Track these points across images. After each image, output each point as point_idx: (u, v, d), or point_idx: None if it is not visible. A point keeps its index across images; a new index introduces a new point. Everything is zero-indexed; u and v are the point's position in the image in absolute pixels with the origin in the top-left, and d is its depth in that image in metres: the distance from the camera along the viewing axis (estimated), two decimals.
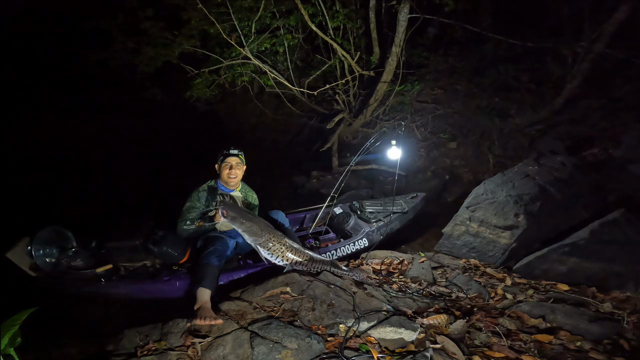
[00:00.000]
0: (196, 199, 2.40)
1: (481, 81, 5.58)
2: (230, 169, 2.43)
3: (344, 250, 2.78)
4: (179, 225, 2.37)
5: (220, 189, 2.49)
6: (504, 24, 5.64)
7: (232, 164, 2.43)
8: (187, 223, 2.34)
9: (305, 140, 6.89)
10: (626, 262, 2.00)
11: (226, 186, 2.49)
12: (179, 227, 2.36)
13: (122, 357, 1.54)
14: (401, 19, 4.42)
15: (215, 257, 2.10)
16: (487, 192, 2.78)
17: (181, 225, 2.35)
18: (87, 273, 2.46)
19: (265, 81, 5.55)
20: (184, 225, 2.34)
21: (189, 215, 2.36)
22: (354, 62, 5.13)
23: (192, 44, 5.40)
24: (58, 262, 2.52)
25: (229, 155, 2.44)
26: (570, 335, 1.54)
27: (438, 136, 5.36)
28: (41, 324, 1.66)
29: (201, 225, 2.33)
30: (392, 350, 1.47)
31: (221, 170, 2.45)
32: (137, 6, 5.30)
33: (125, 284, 2.43)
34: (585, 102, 4.72)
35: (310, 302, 1.72)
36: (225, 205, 2.15)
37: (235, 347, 1.45)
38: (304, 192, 5.25)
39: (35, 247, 2.44)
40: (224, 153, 2.46)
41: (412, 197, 3.48)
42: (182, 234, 2.37)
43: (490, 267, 2.48)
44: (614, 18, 4.11)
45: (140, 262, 2.49)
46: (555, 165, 2.91)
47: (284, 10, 5.21)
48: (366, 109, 5.56)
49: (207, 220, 2.32)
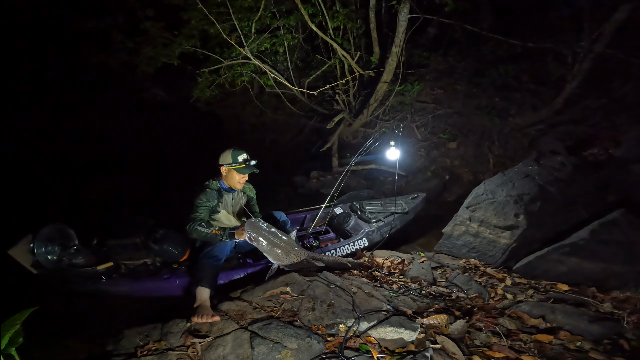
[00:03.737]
0: (206, 198, 2.28)
1: (481, 81, 5.58)
2: (243, 177, 2.38)
3: (343, 250, 2.78)
4: (191, 224, 2.15)
5: (224, 190, 2.43)
6: (504, 24, 5.65)
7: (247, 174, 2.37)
8: (203, 225, 2.15)
9: (305, 140, 6.89)
10: (626, 262, 2.00)
11: (230, 188, 2.43)
12: (192, 226, 2.14)
13: (122, 357, 1.54)
14: (401, 19, 4.42)
15: (214, 257, 2.10)
16: (487, 192, 2.78)
17: (194, 225, 2.14)
18: (88, 270, 2.49)
19: (265, 81, 5.55)
20: (198, 225, 2.14)
21: (201, 214, 2.21)
22: (354, 62, 5.13)
23: (192, 44, 5.41)
24: (60, 259, 2.55)
25: (251, 168, 2.34)
26: (570, 335, 1.54)
27: (438, 136, 5.36)
28: (41, 324, 1.66)
29: (217, 235, 2.15)
30: (392, 350, 1.47)
31: (232, 176, 2.35)
32: (137, 6, 5.31)
33: (125, 282, 2.45)
34: (585, 102, 4.72)
35: (310, 302, 1.72)
36: (250, 226, 2.07)
37: (235, 347, 1.45)
38: (304, 192, 5.25)
39: (37, 245, 2.47)
40: (244, 164, 2.33)
41: (413, 198, 3.48)
42: (193, 233, 2.16)
43: (490, 267, 2.47)
44: (614, 18, 4.11)
45: (140, 260, 2.51)
46: (555, 165, 2.91)
47: (284, 10, 5.21)
48: (366, 109, 5.56)
49: (227, 235, 2.15)
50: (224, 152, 2.37)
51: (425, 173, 5.06)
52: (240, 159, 2.34)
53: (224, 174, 2.38)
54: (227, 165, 2.34)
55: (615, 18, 4.10)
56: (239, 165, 2.33)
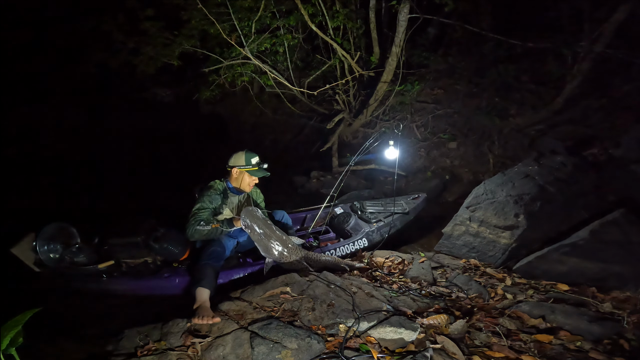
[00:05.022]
0: (208, 200, 2.25)
1: (481, 81, 5.58)
2: (254, 180, 2.37)
3: (343, 250, 2.78)
4: (190, 228, 2.12)
5: (230, 191, 2.41)
6: (504, 24, 5.64)
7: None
8: (202, 224, 2.13)
9: (305, 140, 6.89)
10: (626, 262, 2.00)
11: (239, 189, 2.42)
12: (191, 230, 2.12)
13: (122, 357, 1.54)
14: (401, 19, 4.42)
15: (214, 257, 2.10)
16: (487, 192, 2.78)
17: (193, 227, 2.11)
18: (90, 269, 2.50)
19: (265, 81, 5.55)
20: (197, 225, 2.12)
21: (201, 215, 2.17)
22: (354, 62, 5.13)
23: (192, 44, 5.41)
24: (62, 257, 2.56)
25: (263, 172, 2.34)
26: (570, 335, 1.54)
27: (438, 136, 5.36)
28: (41, 323, 1.66)
29: (217, 228, 2.14)
30: (392, 350, 1.47)
31: (244, 178, 2.34)
32: (137, 6, 5.31)
33: (126, 280, 2.46)
34: (585, 102, 4.71)
35: (310, 302, 1.72)
36: (247, 214, 2.09)
37: (235, 347, 1.46)
38: (304, 192, 5.25)
39: (39, 243, 2.48)
40: (257, 167, 2.33)
41: (414, 198, 3.48)
42: (194, 235, 2.13)
43: (490, 267, 2.48)
44: (614, 18, 4.11)
45: (141, 258, 2.52)
46: (555, 165, 2.91)
47: (284, 10, 5.21)
48: (366, 109, 5.56)
49: (225, 224, 2.16)
50: (236, 154, 2.37)
51: (425, 173, 5.06)
52: (254, 162, 2.34)
53: (234, 176, 2.37)
54: (240, 167, 2.33)
55: (615, 18, 4.10)
56: (251, 168, 2.33)
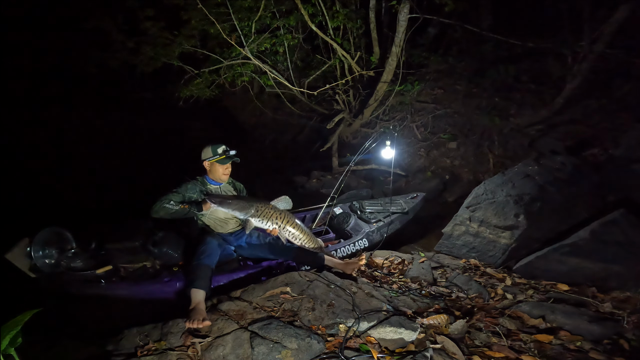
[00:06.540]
0: (184, 188, 2.33)
1: (481, 81, 5.58)
2: (226, 169, 2.43)
3: (343, 250, 2.78)
4: (156, 204, 2.15)
5: (211, 184, 2.47)
6: (504, 24, 5.65)
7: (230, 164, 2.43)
8: (171, 203, 2.18)
9: (305, 140, 6.89)
10: (626, 262, 2.00)
11: (217, 181, 2.48)
12: (157, 206, 2.15)
13: (122, 357, 1.54)
14: (401, 19, 4.42)
15: (206, 256, 2.08)
16: (487, 192, 2.78)
17: (161, 204, 2.15)
18: (87, 274, 2.44)
19: (265, 81, 5.55)
20: (165, 203, 2.16)
21: (171, 197, 2.23)
22: (354, 62, 5.13)
23: (192, 44, 5.41)
24: (57, 263, 2.50)
25: (231, 158, 2.40)
26: (570, 335, 1.54)
27: (438, 136, 5.36)
28: (41, 324, 1.66)
29: (184, 209, 2.20)
30: (392, 350, 1.47)
31: (215, 169, 2.41)
32: (137, 6, 5.31)
33: (125, 285, 2.42)
34: (585, 102, 4.72)
35: (310, 302, 1.72)
36: (211, 195, 2.28)
37: (235, 347, 1.45)
38: (304, 192, 5.25)
39: (34, 248, 2.41)
40: (224, 155, 2.40)
41: (412, 198, 3.48)
42: (159, 211, 2.16)
43: (490, 267, 2.48)
44: (614, 18, 4.11)
45: (140, 263, 2.48)
46: (555, 165, 2.91)
47: (284, 10, 5.21)
48: (366, 109, 5.56)
49: (194, 206, 2.26)
50: (203, 149, 2.45)
51: (425, 173, 5.06)
52: (220, 151, 2.41)
53: (208, 169, 2.46)
54: (209, 159, 2.42)
55: (615, 18, 4.10)
56: (219, 157, 2.39)
